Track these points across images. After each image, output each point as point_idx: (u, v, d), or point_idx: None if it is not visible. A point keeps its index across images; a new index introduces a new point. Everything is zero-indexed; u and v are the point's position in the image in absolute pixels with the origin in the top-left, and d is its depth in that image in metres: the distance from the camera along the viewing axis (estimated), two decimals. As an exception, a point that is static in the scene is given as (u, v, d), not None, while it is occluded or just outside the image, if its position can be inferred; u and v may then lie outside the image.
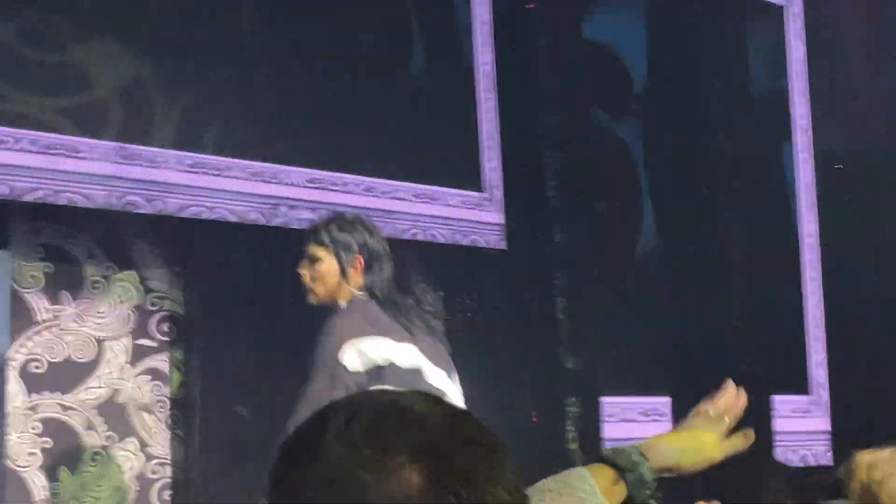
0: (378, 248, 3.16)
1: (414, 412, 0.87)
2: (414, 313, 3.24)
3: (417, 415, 0.86)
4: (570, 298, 4.86)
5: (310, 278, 3.12)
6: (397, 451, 0.82)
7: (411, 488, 0.80)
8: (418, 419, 0.86)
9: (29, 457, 3.61)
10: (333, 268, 3.09)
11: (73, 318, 3.75)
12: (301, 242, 3.21)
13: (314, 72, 4.06)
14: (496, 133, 4.58)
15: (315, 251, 3.11)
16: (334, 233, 3.10)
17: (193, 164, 3.71)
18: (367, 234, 3.15)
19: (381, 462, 0.81)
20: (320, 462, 0.83)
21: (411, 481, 0.81)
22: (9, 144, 3.37)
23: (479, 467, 0.84)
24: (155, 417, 3.87)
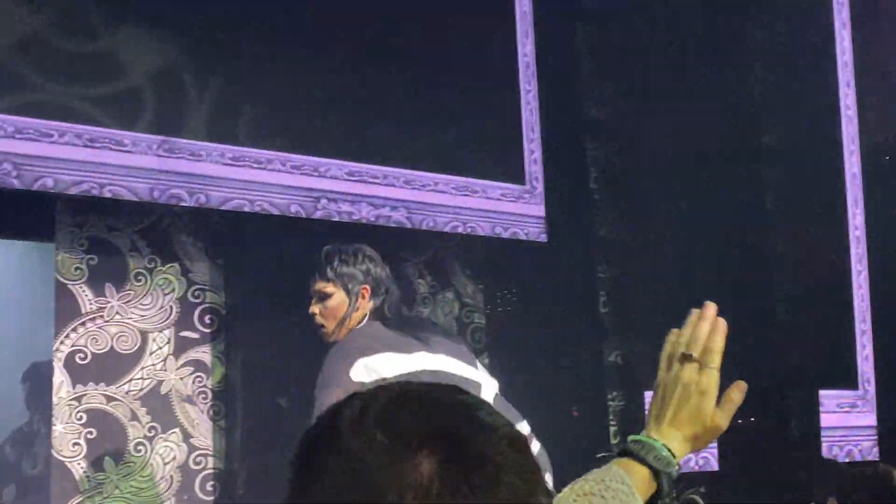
0: (382, 275, 3.21)
1: (430, 399, 0.86)
2: (424, 326, 3.30)
3: (433, 401, 0.86)
4: (613, 291, 4.83)
5: (321, 315, 3.16)
6: (410, 436, 0.81)
7: (423, 474, 0.80)
8: (434, 405, 0.85)
9: (73, 447, 3.65)
10: (343, 301, 3.14)
11: (117, 310, 3.79)
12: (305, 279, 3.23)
13: (355, 64, 4.06)
14: (537, 125, 4.56)
15: (323, 288, 3.16)
16: (339, 267, 3.15)
17: (235, 157, 3.73)
18: (369, 262, 3.19)
19: (394, 448, 0.81)
20: (335, 451, 0.83)
21: (423, 467, 0.80)
22: (54, 138, 3.41)
23: (495, 455, 0.82)
24: (197, 409, 3.90)
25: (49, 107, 3.42)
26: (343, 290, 3.14)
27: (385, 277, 3.21)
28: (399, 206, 4.09)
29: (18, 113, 3.35)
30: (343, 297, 3.14)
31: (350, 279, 3.14)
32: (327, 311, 3.15)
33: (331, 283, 3.14)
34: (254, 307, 3.96)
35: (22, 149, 3.34)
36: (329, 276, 3.14)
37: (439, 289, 4.53)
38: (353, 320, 3.15)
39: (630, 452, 1.37)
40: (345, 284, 3.14)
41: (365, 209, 3.99)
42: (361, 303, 3.14)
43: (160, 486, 3.79)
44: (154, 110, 3.61)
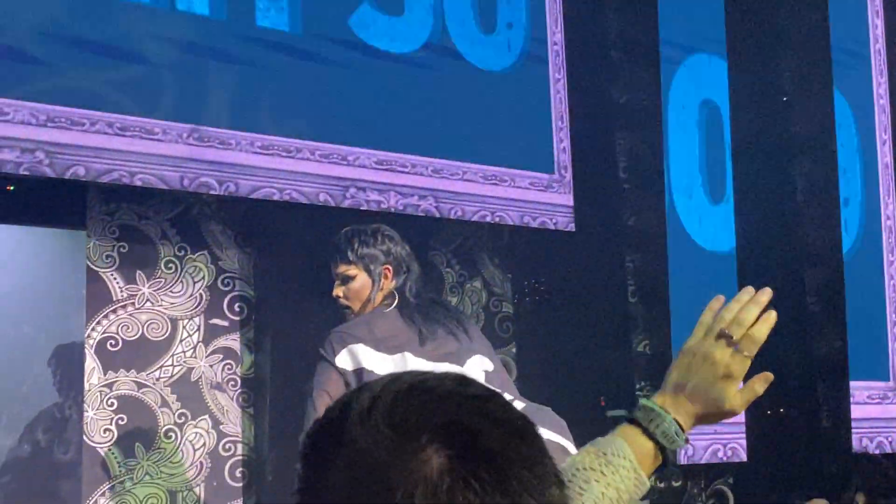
0: (402, 253, 3.25)
1: (439, 391, 0.84)
2: (437, 315, 3.26)
3: (442, 394, 0.84)
4: (641, 281, 4.82)
5: (344, 297, 3.18)
6: (419, 431, 0.80)
7: (432, 469, 0.78)
8: (443, 398, 0.83)
9: (105, 433, 3.69)
10: (366, 282, 3.19)
11: (148, 297, 3.82)
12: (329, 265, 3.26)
13: (382, 54, 4.07)
14: (566, 114, 4.55)
15: (346, 270, 3.20)
16: (360, 249, 3.18)
17: (264, 146, 3.75)
18: (389, 242, 3.23)
19: (402, 443, 0.79)
20: (344, 445, 0.82)
21: (433, 462, 0.78)
22: (85, 127, 3.44)
23: (505, 449, 0.81)
24: (227, 396, 3.92)
25: (80, 95, 3.44)
26: (365, 272, 3.18)
27: (405, 256, 3.25)
28: (427, 194, 4.09)
29: (50, 101, 3.37)
30: (366, 279, 3.18)
31: (372, 260, 3.17)
32: (351, 293, 3.20)
33: (353, 265, 3.18)
34: (282, 295, 3.98)
35: (54, 137, 3.37)
36: (350, 258, 3.18)
37: (467, 278, 4.53)
38: (377, 300, 3.18)
39: (638, 423, 1.34)
40: (367, 266, 3.17)
41: (393, 198, 4.00)
42: (384, 283, 3.18)
43: (190, 472, 3.82)
44: (184, 99, 3.63)
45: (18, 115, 3.32)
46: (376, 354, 3.05)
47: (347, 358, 3.03)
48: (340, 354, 3.03)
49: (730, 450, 4.94)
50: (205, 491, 3.84)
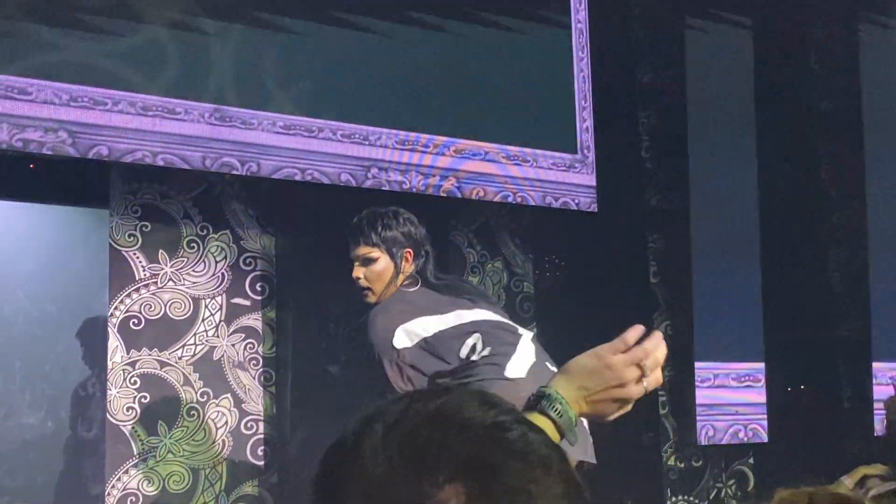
0: (420, 236, 3.24)
1: (460, 419, 0.80)
2: (462, 287, 3.32)
3: (463, 422, 0.79)
4: (663, 262, 4.80)
5: (366, 279, 3.18)
6: (437, 467, 0.76)
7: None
8: (464, 428, 0.79)
9: (128, 411, 3.72)
10: (388, 265, 3.18)
11: (170, 276, 3.83)
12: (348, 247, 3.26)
13: (405, 33, 4.05)
14: (589, 93, 4.52)
15: (368, 253, 3.18)
16: (383, 231, 3.18)
17: (286, 126, 3.74)
18: (410, 225, 3.22)
19: (419, 480, 0.76)
20: (358, 471, 0.79)
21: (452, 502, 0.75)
22: (108, 106, 3.44)
23: (527, 484, 0.77)
24: (249, 375, 3.94)
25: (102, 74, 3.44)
26: (387, 255, 3.18)
27: (423, 238, 3.25)
28: (449, 175, 4.08)
29: (72, 80, 3.37)
30: (388, 262, 3.18)
31: (394, 243, 3.17)
32: (373, 276, 3.19)
33: (375, 247, 3.17)
34: (304, 275, 3.98)
35: (77, 117, 3.37)
36: (373, 240, 3.17)
37: (489, 258, 4.52)
38: (399, 283, 3.19)
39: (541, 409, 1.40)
40: (389, 248, 3.17)
41: (415, 178, 3.99)
42: (405, 266, 3.18)
43: (212, 451, 3.84)
44: (206, 79, 3.62)
45: (41, 94, 3.32)
46: (430, 319, 3.05)
47: (404, 337, 3.01)
48: (396, 337, 3.01)
49: (751, 430, 4.93)
50: (227, 469, 3.87)
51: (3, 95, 3.26)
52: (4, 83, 3.26)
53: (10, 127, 3.26)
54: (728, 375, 4.87)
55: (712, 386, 4.82)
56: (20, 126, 3.28)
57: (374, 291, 3.20)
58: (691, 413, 4.73)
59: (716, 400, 4.82)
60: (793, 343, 5.08)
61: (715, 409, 4.82)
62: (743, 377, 4.91)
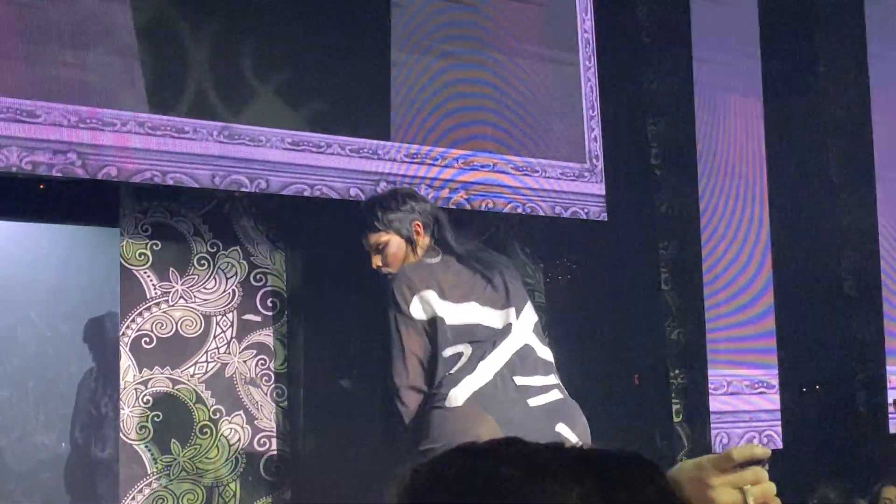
0: (426, 207, 3.23)
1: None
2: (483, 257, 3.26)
3: None
4: (674, 269, 4.79)
5: (384, 265, 3.18)
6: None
7: None
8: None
9: (141, 430, 3.72)
10: (400, 243, 3.17)
11: (181, 294, 3.83)
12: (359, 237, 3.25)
13: (412, 46, 4.05)
14: (597, 102, 4.51)
15: (377, 239, 3.18)
16: (384, 215, 3.17)
17: (294, 142, 3.75)
18: (411, 200, 3.22)
19: None
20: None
21: None
22: (116, 127, 3.44)
23: None
24: (261, 391, 3.94)
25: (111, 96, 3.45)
26: (396, 234, 3.17)
27: (430, 208, 3.24)
28: (458, 187, 4.08)
29: (83, 103, 3.38)
30: (399, 241, 3.17)
31: (399, 221, 3.16)
32: (389, 258, 3.18)
33: (382, 232, 3.17)
34: (315, 290, 3.98)
35: (86, 138, 3.38)
36: (379, 227, 3.17)
37: (499, 269, 4.51)
38: (420, 256, 3.16)
39: None
40: (396, 228, 3.17)
41: (424, 191, 3.98)
42: (418, 239, 3.17)
43: (226, 468, 3.84)
44: (214, 97, 3.63)
45: (50, 116, 3.33)
46: (444, 304, 3.02)
47: (419, 306, 3.00)
48: (413, 303, 3.00)
49: (765, 437, 4.91)
50: (240, 486, 3.87)
51: (11, 118, 3.26)
52: (13, 106, 3.27)
53: (19, 150, 3.27)
54: (742, 382, 4.86)
55: (726, 393, 4.80)
56: (29, 149, 3.28)
57: (391, 270, 3.16)
58: (705, 421, 4.72)
59: (730, 407, 4.80)
60: (806, 348, 5.07)
61: (729, 417, 4.80)
62: (756, 384, 4.89)
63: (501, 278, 3.17)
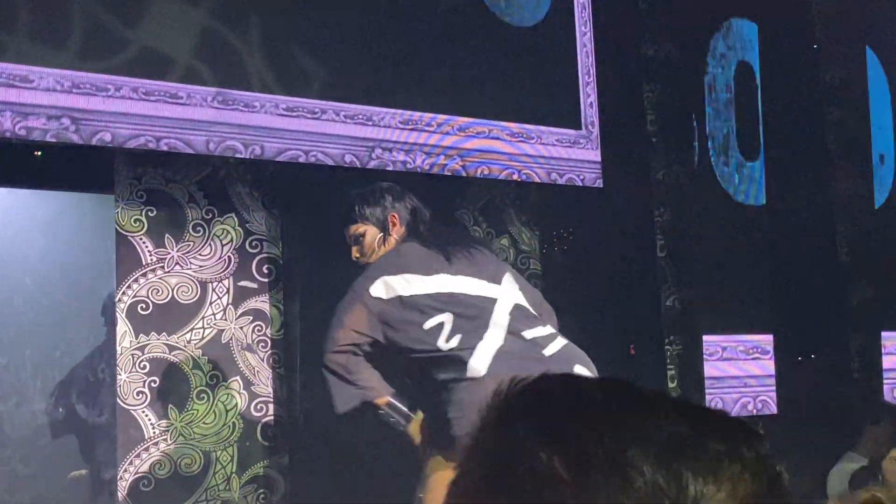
0: (406, 203, 3.36)
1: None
2: (458, 240, 3.40)
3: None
4: (670, 236, 4.79)
5: (361, 255, 3.34)
6: None
7: None
8: None
9: (138, 395, 3.73)
10: (375, 233, 3.33)
11: (177, 260, 3.84)
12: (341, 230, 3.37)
13: (407, 12, 4.03)
14: (593, 68, 4.50)
15: (355, 230, 3.34)
16: (364, 208, 3.33)
17: (289, 108, 3.74)
18: (388, 194, 3.36)
19: None
20: None
21: None
22: (110, 92, 3.43)
23: None
24: (257, 357, 3.95)
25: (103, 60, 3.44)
26: (374, 226, 3.32)
27: (408, 202, 3.37)
28: (453, 154, 4.07)
29: (74, 67, 3.37)
30: (375, 231, 3.33)
31: (377, 214, 3.32)
32: (365, 248, 3.33)
33: (360, 224, 3.32)
34: (310, 256, 3.98)
35: (79, 103, 3.37)
36: (356, 219, 3.33)
37: (495, 235, 4.52)
38: (391, 244, 3.30)
39: None
40: (374, 221, 3.32)
41: (419, 158, 3.99)
42: (393, 230, 3.31)
43: (223, 433, 3.86)
44: (208, 62, 3.62)
45: (44, 82, 3.32)
46: (414, 277, 3.13)
47: (381, 288, 3.11)
48: (375, 285, 3.11)
49: (760, 402, 4.94)
50: (237, 451, 3.89)
51: (5, 83, 3.25)
52: (6, 71, 3.26)
53: (13, 115, 3.26)
54: (736, 348, 4.88)
55: (721, 359, 4.83)
56: (23, 114, 3.28)
57: (368, 259, 3.32)
58: (700, 386, 4.74)
59: (724, 373, 4.82)
60: (801, 314, 5.08)
61: (724, 382, 4.82)
62: (751, 349, 4.92)
63: (475, 253, 3.28)
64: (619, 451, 0.73)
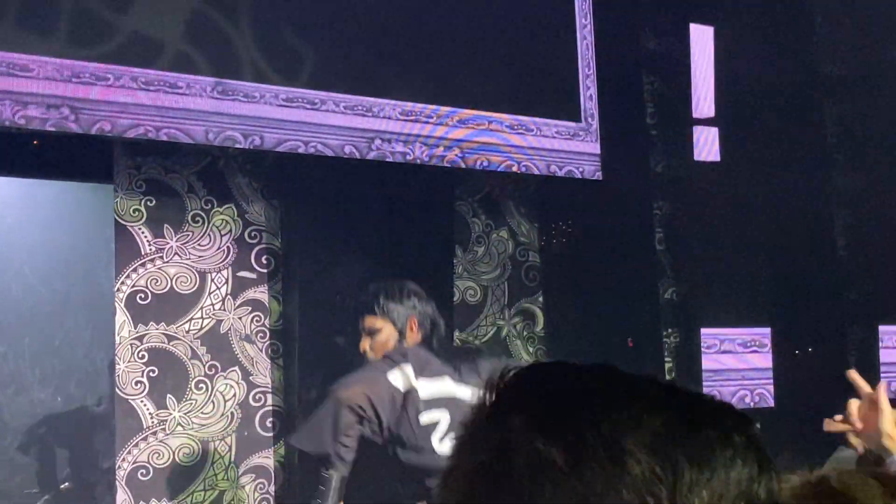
0: (428, 309, 3.39)
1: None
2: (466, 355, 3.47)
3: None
4: (669, 229, 4.79)
5: (371, 350, 3.35)
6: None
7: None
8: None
9: (136, 385, 3.74)
10: (391, 334, 3.34)
11: (176, 250, 3.84)
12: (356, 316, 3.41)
13: (407, 3, 4.02)
14: (593, 60, 4.49)
15: (373, 324, 3.34)
16: (385, 303, 3.33)
17: (289, 98, 3.74)
18: (415, 297, 3.37)
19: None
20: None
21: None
22: (110, 82, 3.43)
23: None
24: (256, 347, 3.96)
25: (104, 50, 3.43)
26: (391, 324, 3.32)
27: (431, 312, 3.39)
28: (453, 145, 4.07)
29: (75, 57, 3.37)
30: (391, 331, 3.33)
31: (397, 313, 3.32)
32: (377, 345, 3.34)
33: (378, 318, 3.32)
34: (309, 247, 3.99)
35: (79, 93, 3.37)
36: (376, 311, 3.33)
37: (493, 228, 4.52)
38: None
39: None
40: (392, 319, 3.32)
41: (419, 149, 3.98)
42: (410, 335, 3.33)
43: (221, 423, 3.87)
44: (208, 52, 3.61)
45: (43, 70, 3.32)
46: (421, 378, 3.20)
47: (399, 376, 3.17)
48: (393, 372, 3.17)
49: (757, 395, 4.94)
50: (236, 441, 3.89)
51: (4, 73, 3.25)
52: (6, 60, 3.26)
53: (12, 104, 3.26)
54: (734, 341, 4.88)
55: (718, 351, 4.83)
56: (22, 103, 3.27)
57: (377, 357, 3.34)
58: (697, 379, 4.75)
59: (722, 365, 4.83)
60: (799, 308, 5.09)
61: (721, 375, 4.83)
62: (749, 342, 4.92)
63: (475, 362, 3.36)
64: (615, 439, 0.74)
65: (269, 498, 3.93)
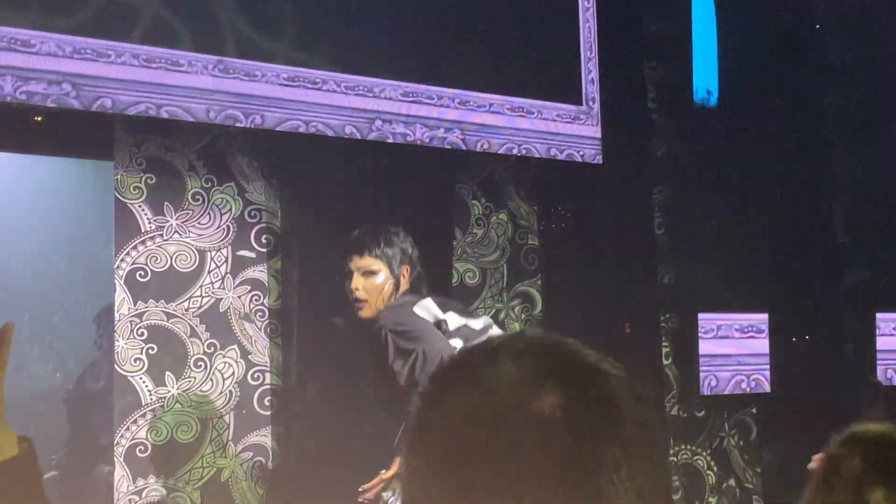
0: (415, 255, 3.38)
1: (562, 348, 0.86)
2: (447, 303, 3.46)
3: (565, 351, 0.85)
4: (668, 213, 4.80)
5: (364, 290, 3.26)
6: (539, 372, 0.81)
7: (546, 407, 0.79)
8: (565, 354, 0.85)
9: (135, 362, 3.75)
10: (387, 278, 3.31)
11: (176, 228, 3.84)
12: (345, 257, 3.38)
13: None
14: (595, 44, 4.49)
15: (370, 265, 3.30)
16: (384, 246, 3.30)
17: (290, 77, 3.73)
18: (407, 243, 3.36)
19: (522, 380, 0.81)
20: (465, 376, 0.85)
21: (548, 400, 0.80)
22: (111, 58, 3.43)
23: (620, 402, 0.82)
24: (255, 326, 3.96)
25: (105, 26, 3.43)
26: (388, 268, 3.29)
27: (417, 257, 3.38)
28: (454, 127, 4.07)
29: (77, 33, 3.36)
30: (388, 275, 3.30)
31: (393, 258, 3.30)
32: (372, 288, 3.30)
33: (377, 259, 3.29)
34: (309, 227, 3.99)
35: (80, 69, 3.37)
36: (376, 253, 3.29)
37: (493, 210, 4.53)
38: (391, 297, 3.31)
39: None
40: (389, 263, 3.29)
41: (419, 130, 3.98)
42: (402, 282, 3.31)
43: (219, 401, 3.88)
44: (210, 31, 3.61)
45: (45, 46, 3.32)
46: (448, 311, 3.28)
47: (425, 309, 3.23)
48: (419, 306, 3.22)
49: (753, 381, 4.96)
50: (234, 419, 3.91)
51: (6, 48, 3.25)
52: (8, 35, 3.26)
53: (13, 79, 3.26)
54: (731, 326, 4.90)
55: (716, 336, 4.85)
56: (24, 78, 3.27)
57: (370, 304, 3.29)
58: (694, 363, 4.77)
59: (719, 350, 4.85)
60: (796, 294, 5.10)
61: (718, 360, 4.85)
62: (746, 328, 4.94)
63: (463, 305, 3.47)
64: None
65: (266, 476, 3.94)
